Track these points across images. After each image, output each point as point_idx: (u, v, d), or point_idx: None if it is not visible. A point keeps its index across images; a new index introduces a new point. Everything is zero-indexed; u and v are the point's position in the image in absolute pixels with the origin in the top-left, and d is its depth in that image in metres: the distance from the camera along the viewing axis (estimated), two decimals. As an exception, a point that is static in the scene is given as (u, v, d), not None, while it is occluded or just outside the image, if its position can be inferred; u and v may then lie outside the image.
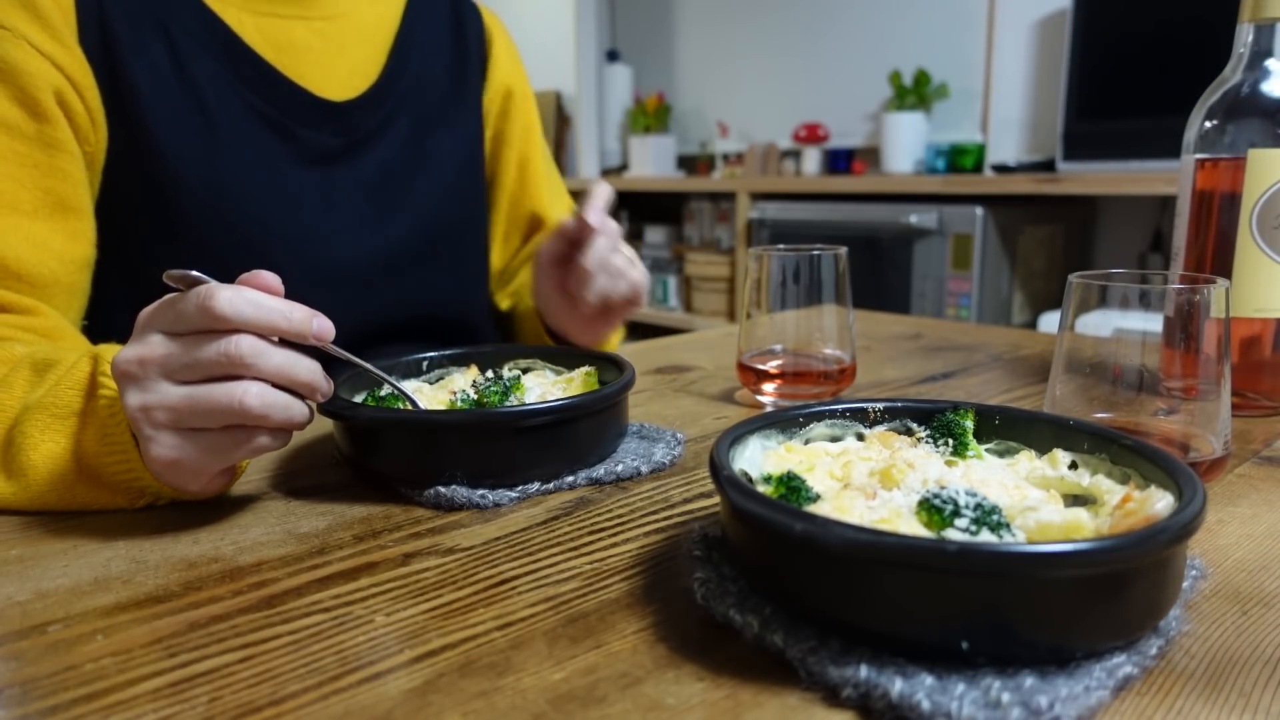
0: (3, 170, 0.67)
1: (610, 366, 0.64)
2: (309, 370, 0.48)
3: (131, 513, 0.53)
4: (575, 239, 0.75)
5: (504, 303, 1.02)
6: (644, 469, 0.58)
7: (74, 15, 0.70)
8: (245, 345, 0.46)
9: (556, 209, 1.02)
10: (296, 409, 0.48)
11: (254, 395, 0.46)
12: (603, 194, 0.75)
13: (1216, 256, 0.68)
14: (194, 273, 0.47)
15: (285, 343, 0.49)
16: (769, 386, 0.74)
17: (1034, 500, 0.41)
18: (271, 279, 0.48)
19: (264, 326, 0.46)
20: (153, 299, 0.49)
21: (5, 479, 0.52)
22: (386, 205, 0.85)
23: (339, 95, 0.82)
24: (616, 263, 0.74)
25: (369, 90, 0.84)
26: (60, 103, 0.69)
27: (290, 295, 0.49)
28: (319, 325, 0.48)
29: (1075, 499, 0.42)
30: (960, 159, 2.66)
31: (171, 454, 0.48)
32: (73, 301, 0.71)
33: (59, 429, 0.51)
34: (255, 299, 0.46)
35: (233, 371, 0.46)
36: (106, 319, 0.76)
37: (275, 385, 0.48)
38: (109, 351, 0.52)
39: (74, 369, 0.53)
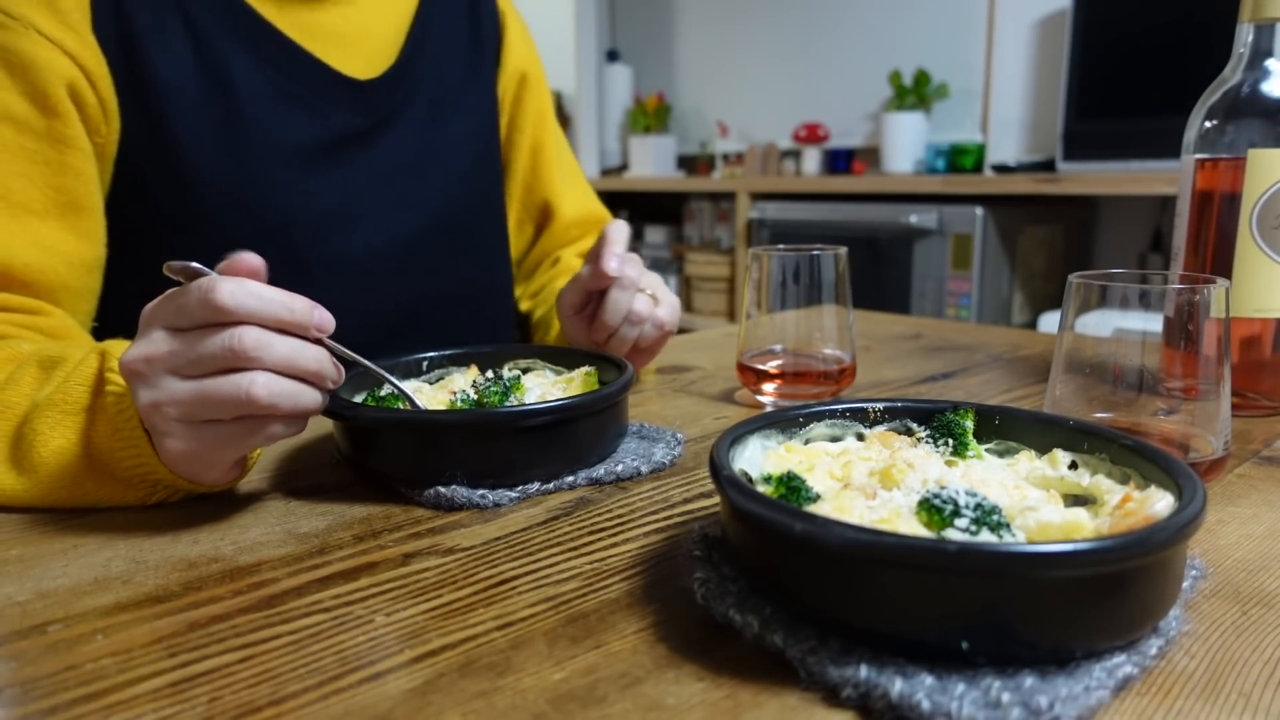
0: (13, 168, 0.66)
1: (610, 366, 0.64)
2: (315, 359, 0.48)
3: (132, 513, 0.53)
4: (593, 288, 0.74)
5: (524, 304, 1.01)
6: (644, 469, 0.58)
7: (87, 1, 0.69)
8: (249, 338, 0.45)
9: (569, 197, 1.02)
10: (306, 396, 0.48)
11: (260, 385, 0.46)
12: (618, 238, 0.73)
13: (1216, 256, 0.68)
14: (194, 264, 0.47)
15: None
16: (769, 386, 0.74)
17: (1034, 500, 0.41)
18: (254, 259, 0.48)
19: (266, 318, 0.46)
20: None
21: (16, 475, 0.52)
22: (405, 193, 0.84)
23: (362, 75, 0.82)
24: (639, 309, 0.73)
25: (389, 70, 0.84)
26: (72, 95, 0.68)
27: (311, 285, 0.48)
28: (319, 317, 0.48)
29: (1075, 499, 0.42)
30: (960, 159, 2.66)
31: (186, 447, 0.48)
32: (80, 304, 0.71)
33: (69, 425, 0.51)
34: (257, 291, 0.46)
35: (237, 365, 0.46)
36: (120, 314, 0.74)
37: (284, 375, 0.48)
38: (116, 347, 0.53)
39: (82, 365, 0.53)
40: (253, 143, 0.75)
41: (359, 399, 0.60)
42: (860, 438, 0.50)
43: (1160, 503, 0.37)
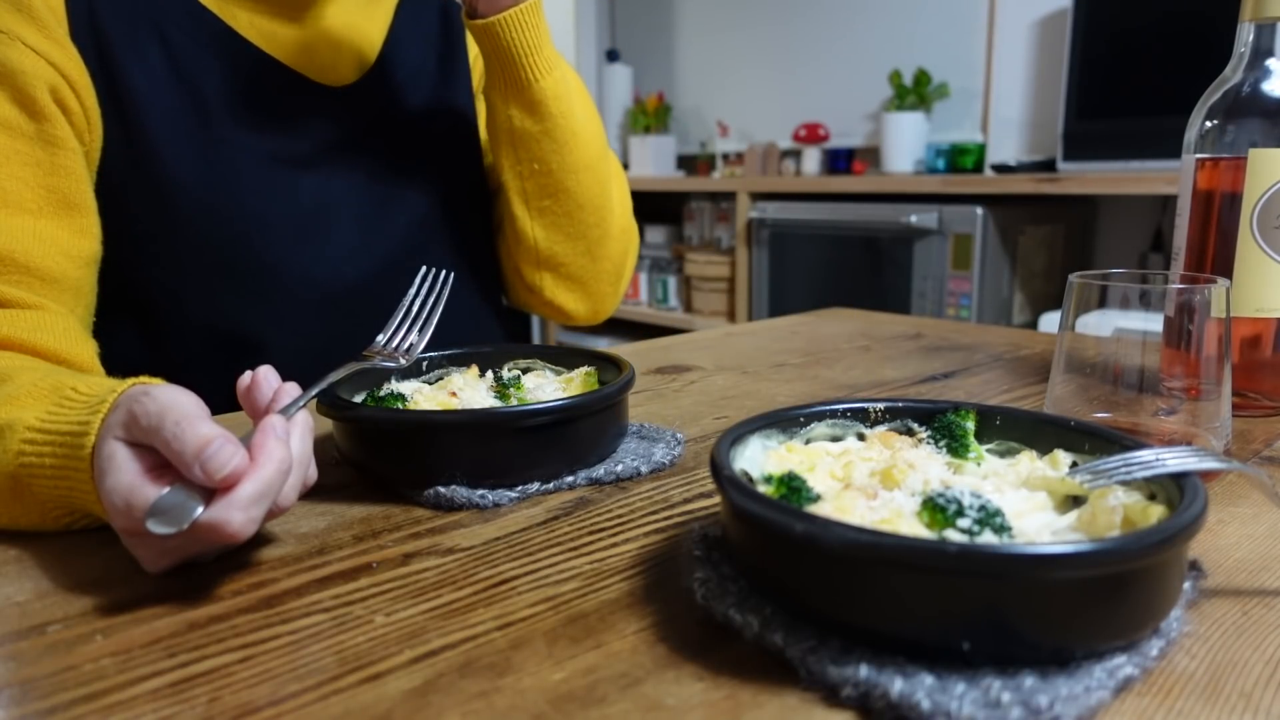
0: (6, 170, 0.67)
1: (610, 366, 0.64)
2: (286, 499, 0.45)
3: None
4: None
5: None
6: (644, 469, 0.58)
7: (64, 14, 0.71)
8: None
9: None
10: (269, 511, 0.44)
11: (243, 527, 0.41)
12: None
13: (1217, 256, 0.68)
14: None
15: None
16: None
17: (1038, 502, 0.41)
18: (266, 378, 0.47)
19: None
20: (143, 300, 0.47)
21: None
22: (385, 199, 0.85)
23: (335, 83, 0.83)
24: None
25: (364, 78, 0.85)
26: (56, 100, 0.69)
27: (283, 291, 0.47)
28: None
29: (1076, 500, 0.42)
30: (960, 159, 2.66)
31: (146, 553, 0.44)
32: (80, 299, 0.71)
33: None
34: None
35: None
36: (96, 323, 0.75)
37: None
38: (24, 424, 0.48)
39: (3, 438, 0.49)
40: (227, 151, 0.77)
41: (358, 399, 0.60)
42: (861, 438, 0.50)
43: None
